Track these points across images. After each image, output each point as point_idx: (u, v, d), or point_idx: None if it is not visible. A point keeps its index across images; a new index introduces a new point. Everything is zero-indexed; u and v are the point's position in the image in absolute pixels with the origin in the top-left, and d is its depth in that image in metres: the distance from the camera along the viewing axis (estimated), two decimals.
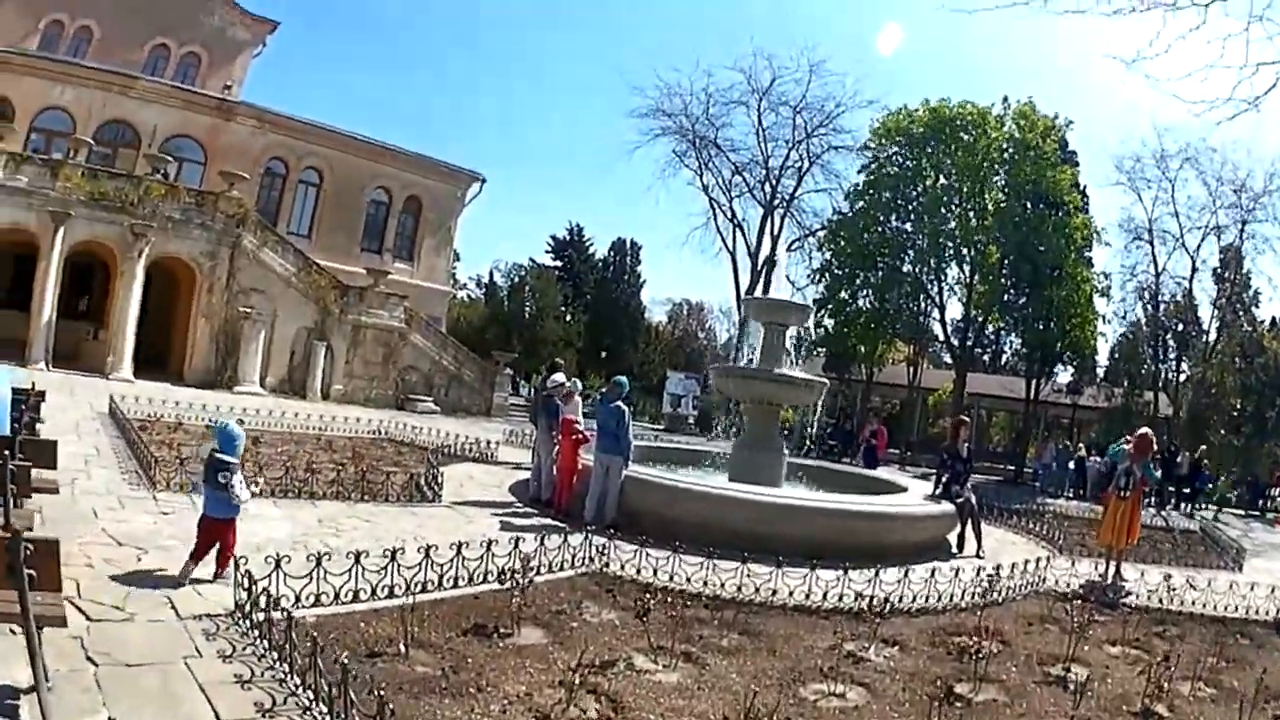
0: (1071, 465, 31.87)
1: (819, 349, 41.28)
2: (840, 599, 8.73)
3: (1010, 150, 36.13)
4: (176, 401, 19.03)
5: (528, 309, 65.78)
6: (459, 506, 12.32)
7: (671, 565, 8.97)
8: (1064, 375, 41.81)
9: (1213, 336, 41.07)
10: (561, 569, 8.88)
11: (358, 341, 29.64)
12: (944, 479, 13.89)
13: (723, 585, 8.74)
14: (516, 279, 70.87)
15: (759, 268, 49.31)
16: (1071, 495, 29.35)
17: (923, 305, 41.66)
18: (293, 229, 35.43)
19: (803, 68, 48.05)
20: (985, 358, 48.35)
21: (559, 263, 71.73)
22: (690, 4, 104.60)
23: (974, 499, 13.87)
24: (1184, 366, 42.01)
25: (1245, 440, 38.93)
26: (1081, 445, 34.86)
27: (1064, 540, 15.34)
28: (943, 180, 38.18)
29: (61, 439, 10.11)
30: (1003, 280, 37.53)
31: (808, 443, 30.44)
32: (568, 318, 63.87)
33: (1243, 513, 31.01)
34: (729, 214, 50.33)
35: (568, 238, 73.19)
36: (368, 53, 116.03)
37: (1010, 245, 35.67)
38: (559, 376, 14.55)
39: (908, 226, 39.41)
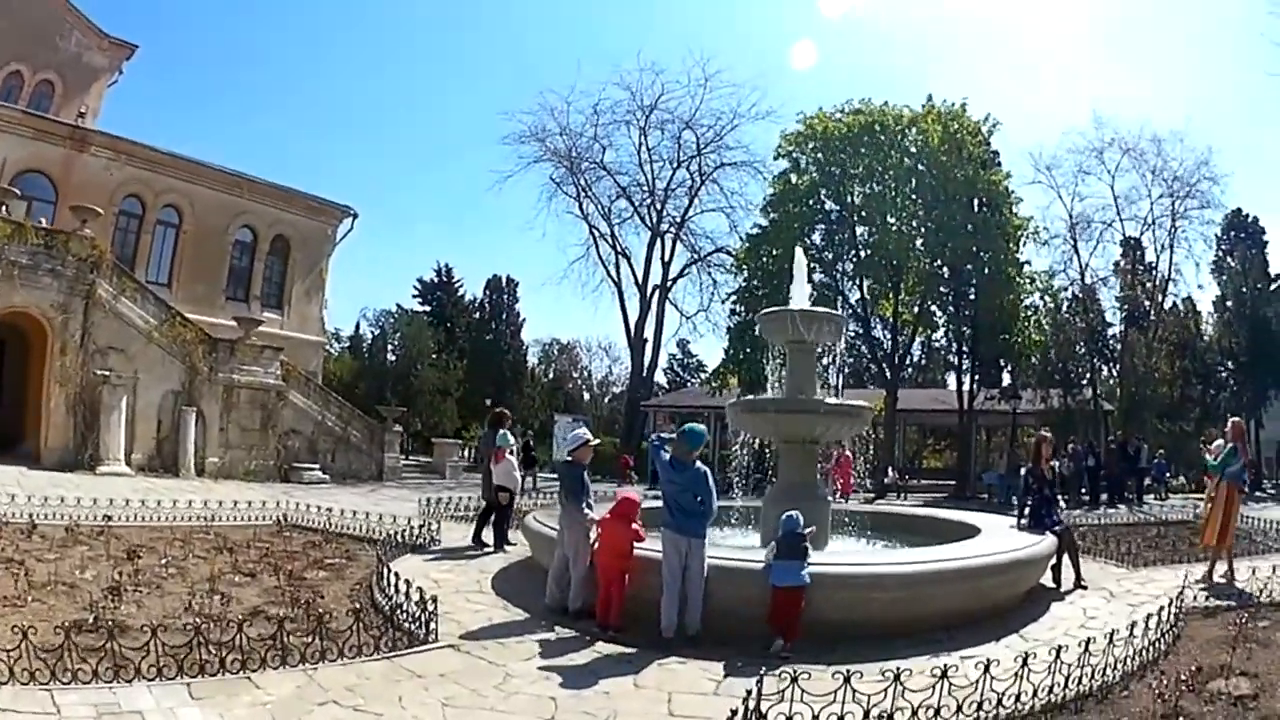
0: (1022, 472, 30.18)
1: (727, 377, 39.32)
2: (1081, 683, 6.69)
3: (943, 153, 34.55)
4: (30, 495, 15.09)
5: (397, 358, 62.20)
6: (465, 642, 8.31)
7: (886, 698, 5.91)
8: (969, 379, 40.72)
9: (1119, 328, 41.44)
10: None
11: (231, 404, 26.08)
12: (1029, 506, 12.17)
13: (961, 708, 6.05)
14: (383, 326, 67.34)
15: (649, 296, 47.60)
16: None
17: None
18: (151, 277, 31.34)
19: (695, 80, 47.04)
20: (906, 372, 47.31)
21: (427, 307, 68.00)
22: (586, 30, 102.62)
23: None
24: (1097, 363, 42.11)
25: (1194, 426, 40.65)
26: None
27: (1124, 551, 14.18)
28: (859, 188, 36.69)
29: None
30: (941, 289, 36.58)
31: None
32: (445, 365, 60.31)
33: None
34: (611, 242, 48.71)
35: (436, 280, 69.62)
36: (230, 84, 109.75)
37: (947, 252, 34.51)
38: (583, 432, 11.00)
39: (817, 239, 37.59)
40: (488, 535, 14.25)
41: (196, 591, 9.81)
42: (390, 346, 65.16)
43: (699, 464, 9.03)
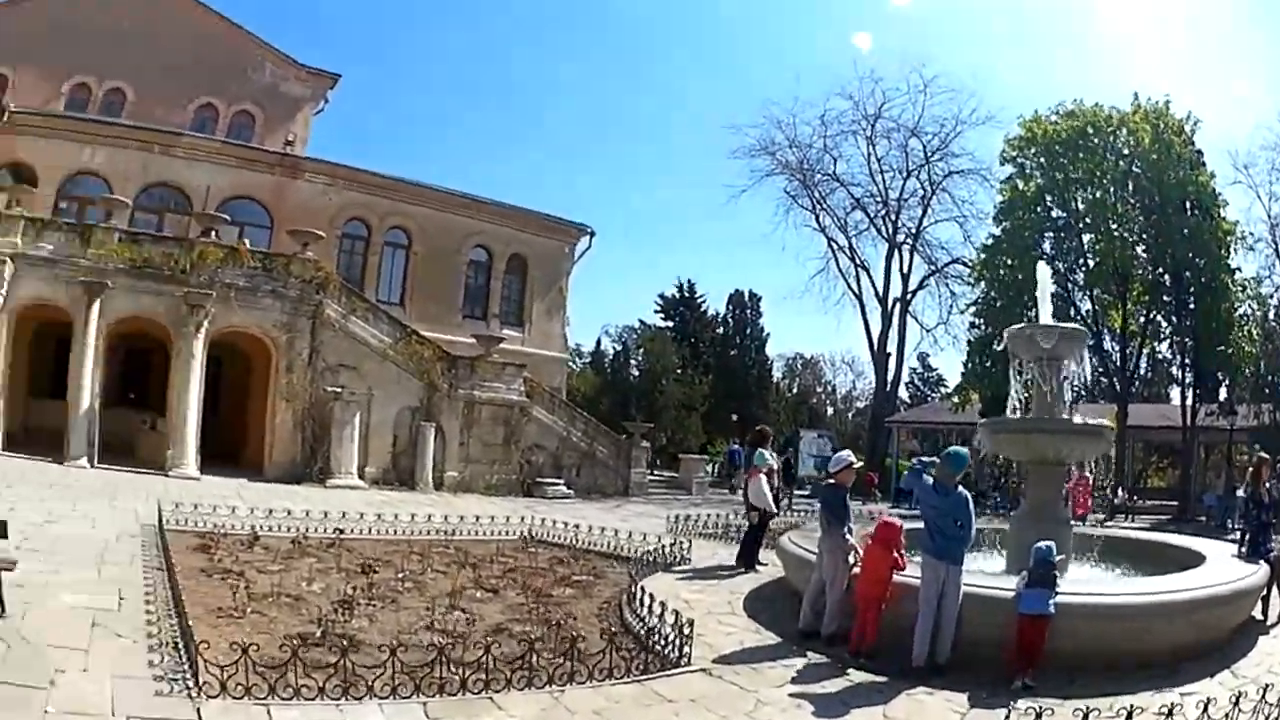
0: (1241, 493, 26.62)
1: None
2: None
3: (1154, 153, 32.71)
4: (252, 508, 14.20)
5: (641, 374, 61.55)
6: (717, 666, 7.91)
7: None
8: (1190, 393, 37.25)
9: None
10: None
11: (472, 420, 25.28)
12: (1250, 533, 11.40)
13: None
14: (627, 343, 66.88)
15: (889, 309, 45.51)
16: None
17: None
18: (382, 297, 31.01)
19: (914, 87, 45.49)
20: (1134, 386, 43.45)
21: (670, 323, 66.76)
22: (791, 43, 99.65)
23: None
24: None
25: None
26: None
27: None
28: (1081, 193, 35.03)
29: (71, 577, 8.02)
30: (1164, 298, 34.73)
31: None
32: (690, 380, 58.80)
33: None
34: (849, 254, 47.47)
35: (678, 295, 67.92)
36: (447, 105, 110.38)
37: (1168, 259, 33.04)
38: (846, 454, 10.37)
39: (1047, 247, 35.80)
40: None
41: (436, 607, 9.28)
42: (634, 362, 64.79)
43: (960, 489, 8.75)
